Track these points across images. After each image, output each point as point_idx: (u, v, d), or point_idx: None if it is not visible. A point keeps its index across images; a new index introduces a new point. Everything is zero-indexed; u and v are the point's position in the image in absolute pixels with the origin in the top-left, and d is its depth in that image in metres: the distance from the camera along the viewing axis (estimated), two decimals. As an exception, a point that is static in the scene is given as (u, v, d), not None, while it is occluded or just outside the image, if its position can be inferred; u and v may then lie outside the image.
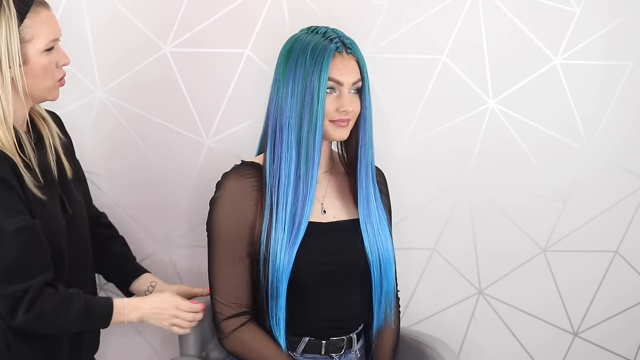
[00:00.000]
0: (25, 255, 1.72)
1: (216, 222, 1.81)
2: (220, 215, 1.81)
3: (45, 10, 1.77)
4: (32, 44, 1.74)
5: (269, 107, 1.82)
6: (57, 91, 1.83)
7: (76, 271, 1.89)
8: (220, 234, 1.81)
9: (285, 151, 1.77)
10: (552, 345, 2.55)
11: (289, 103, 1.75)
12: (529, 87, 2.39)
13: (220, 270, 1.82)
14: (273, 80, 1.81)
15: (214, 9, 2.30)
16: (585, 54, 2.38)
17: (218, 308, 1.83)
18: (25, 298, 1.71)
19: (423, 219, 2.44)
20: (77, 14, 2.27)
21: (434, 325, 2.50)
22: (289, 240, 1.77)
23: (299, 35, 1.80)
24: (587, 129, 2.43)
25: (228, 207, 1.80)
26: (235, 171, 1.82)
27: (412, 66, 2.36)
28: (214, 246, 1.83)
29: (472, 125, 2.40)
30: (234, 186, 1.80)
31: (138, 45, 2.30)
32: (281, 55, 1.80)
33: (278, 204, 1.77)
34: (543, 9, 2.35)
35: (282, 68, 1.78)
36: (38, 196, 1.77)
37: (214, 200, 1.82)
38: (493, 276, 2.50)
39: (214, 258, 1.83)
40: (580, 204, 2.47)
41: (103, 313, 1.83)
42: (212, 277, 1.84)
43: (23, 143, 1.77)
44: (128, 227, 2.36)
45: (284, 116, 1.76)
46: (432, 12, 2.34)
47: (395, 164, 2.39)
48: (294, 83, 1.75)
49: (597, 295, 2.53)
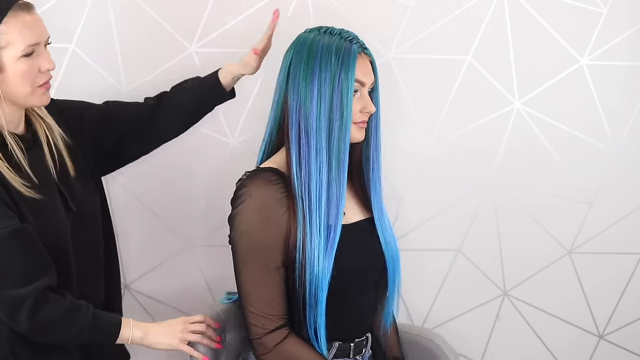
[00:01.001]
0: (17, 260, 1.68)
1: (247, 233, 1.72)
2: (251, 225, 1.71)
3: (23, 14, 1.70)
4: (8, 50, 1.68)
5: (287, 111, 1.74)
6: (39, 97, 1.76)
7: (86, 271, 1.87)
8: (253, 244, 1.72)
9: (314, 156, 1.71)
10: (577, 348, 2.54)
11: (315, 106, 1.71)
12: (555, 88, 2.38)
13: (256, 282, 1.72)
14: (286, 83, 1.75)
15: (239, 9, 2.30)
16: (612, 55, 2.37)
17: (257, 322, 1.74)
18: (25, 304, 1.68)
19: (448, 220, 2.44)
20: (103, 15, 2.28)
21: (458, 327, 2.49)
22: (326, 245, 1.71)
23: (312, 36, 1.76)
24: (613, 130, 2.41)
25: (261, 216, 1.71)
26: (258, 178, 1.73)
27: (438, 67, 2.35)
28: (245, 258, 1.73)
29: (498, 126, 2.39)
30: (263, 194, 1.71)
31: (164, 45, 2.30)
32: (297, 56, 1.74)
33: (311, 210, 1.71)
34: (569, 10, 2.34)
35: (303, 70, 1.72)
36: (30, 197, 1.73)
37: (241, 210, 1.72)
38: (518, 278, 2.49)
39: (247, 270, 1.73)
40: (606, 205, 2.45)
41: (110, 330, 1.79)
42: (245, 290, 1.74)
43: (10, 145, 1.73)
44: (153, 227, 2.37)
45: (311, 120, 1.71)
46: (457, 13, 2.34)
47: (421, 164, 2.39)
48: (321, 85, 1.71)
49: (623, 297, 2.51)
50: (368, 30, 2.28)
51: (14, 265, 1.69)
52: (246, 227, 1.72)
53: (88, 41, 2.30)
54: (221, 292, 2.10)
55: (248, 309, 1.75)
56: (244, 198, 1.72)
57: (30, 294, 1.68)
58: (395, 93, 2.35)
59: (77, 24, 2.29)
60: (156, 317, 2.45)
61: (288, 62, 1.76)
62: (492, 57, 2.36)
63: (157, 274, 2.44)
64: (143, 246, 2.42)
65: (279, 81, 1.78)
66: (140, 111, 2.05)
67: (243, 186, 1.73)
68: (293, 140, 1.73)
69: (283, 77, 1.77)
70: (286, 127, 1.76)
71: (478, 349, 2.53)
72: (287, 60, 1.77)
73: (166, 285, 2.45)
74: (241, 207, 1.72)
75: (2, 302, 1.70)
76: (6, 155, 1.73)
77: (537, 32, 2.34)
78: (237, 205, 1.73)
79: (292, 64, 1.75)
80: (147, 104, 2.07)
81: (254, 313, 1.74)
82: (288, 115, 1.74)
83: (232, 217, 1.74)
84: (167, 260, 2.43)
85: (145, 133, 2.06)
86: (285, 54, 1.79)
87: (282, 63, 1.79)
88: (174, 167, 2.38)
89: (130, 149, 2.07)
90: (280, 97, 1.77)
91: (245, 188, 1.72)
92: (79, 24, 2.29)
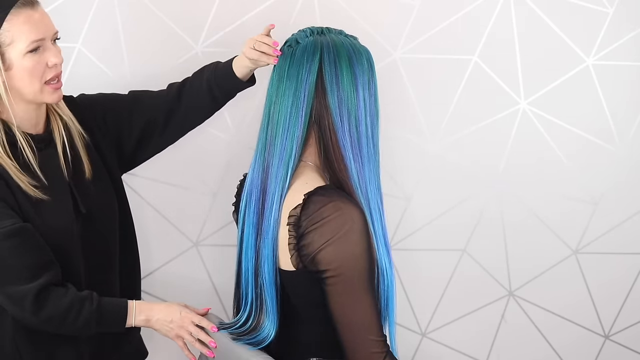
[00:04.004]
0: (17, 258, 1.70)
1: (362, 258, 1.56)
2: (363, 250, 1.55)
3: (27, 10, 1.70)
4: (13, 47, 1.69)
5: (329, 120, 1.60)
6: (49, 95, 1.75)
7: (97, 271, 1.87)
8: (367, 270, 1.57)
9: (367, 165, 1.62)
10: (583, 348, 2.54)
11: (363, 114, 1.60)
12: (561, 88, 2.38)
13: (374, 307, 1.58)
14: (317, 87, 1.60)
15: (245, 9, 2.30)
16: (618, 55, 2.37)
17: (378, 347, 1.58)
18: (27, 300, 1.69)
19: (453, 220, 2.44)
20: (109, 14, 2.28)
21: (463, 327, 2.49)
22: (388, 255, 1.64)
23: (340, 38, 1.63)
24: (619, 131, 2.41)
25: (367, 239, 1.57)
26: (346, 199, 1.57)
27: (444, 67, 2.35)
28: (363, 284, 1.57)
29: (504, 126, 2.39)
30: (361, 215, 1.56)
31: (170, 44, 2.31)
32: (330, 59, 1.60)
33: (374, 220, 1.60)
34: (575, 10, 2.34)
35: (345, 74, 1.59)
36: (35, 197, 1.74)
37: (348, 238, 1.55)
38: (523, 278, 2.49)
39: (367, 296, 1.57)
40: (612, 205, 2.45)
41: (117, 316, 1.78)
42: (367, 318, 1.57)
43: (20, 144, 1.74)
44: (159, 226, 2.37)
45: (360, 127, 1.61)
46: (463, 13, 2.33)
47: (426, 164, 2.39)
48: (363, 90, 1.61)
49: (629, 297, 2.51)
50: (374, 30, 2.29)
51: (15, 262, 1.70)
52: (359, 252, 1.56)
53: (94, 41, 2.30)
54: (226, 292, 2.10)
55: (369, 338, 1.58)
56: (348, 224, 1.55)
57: (31, 290, 1.70)
58: (401, 92, 2.35)
59: (84, 24, 2.29)
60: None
61: (317, 66, 1.60)
62: (498, 57, 2.36)
63: (163, 274, 2.44)
64: (148, 246, 2.42)
65: (307, 85, 1.60)
66: (164, 100, 1.98)
67: (342, 209, 1.56)
68: (347, 150, 1.61)
69: (312, 80, 1.59)
70: (332, 136, 1.61)
71: (484, 348, 2.52)
72: (315, 63, 1.60)
73: (172, 284, 2.45)
74: (347, 234, 1.55)
75: (6, 299, 1.72)
76: (15, 153, 1.74)
77: (543, 32, 2.34)
78: (340, 232, 1.55)
79: (326, 68, 1.60)
80: (171, 94, 1.99)
81: (374, 340, 1.58)
82: (332, 124, 1.60)
83: (335, 246, 1.55)
84: (172, 260, 2.43)
85: (169, 122, 1.99)
86: (307, 55, 1.61)
87: (306, 66, 1.60)
88: (178, 167, 2.38)
89: (154, 141, 2.01)
90: (309, 102, 1.60)
91: (339, 212, 1.55)
92: (85, 23, 2.29)
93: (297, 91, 1.61)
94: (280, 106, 1.63)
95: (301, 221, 1.56)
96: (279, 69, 1.65)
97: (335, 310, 1.58)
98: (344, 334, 1.59)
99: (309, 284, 1.60)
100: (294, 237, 1.57)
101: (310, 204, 1.56)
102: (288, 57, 1.64)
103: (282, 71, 1.64)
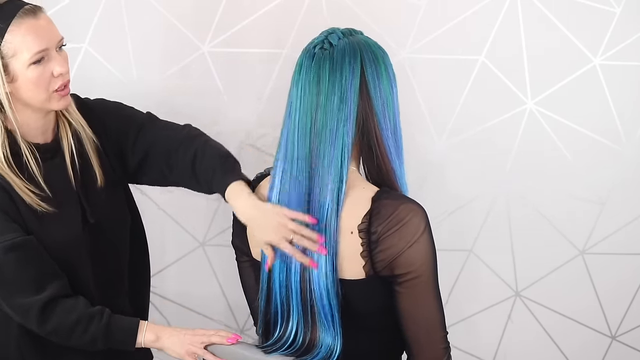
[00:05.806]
0: (20, 271, 1.69)
1: (435, 255, 1.57)
2: (434, 251, 1.57)
3: (30, 19, 1.65)
4: (16, 59, 1.65)
5: (373, 121, 1.56)
6: (57, 102, 1.71)
7: (107, 283, 1.85)
8: (436, 267, 1.58)
9: (403, 165, 1.63)
10: (590, 349, 2.53)
11: (398, 114, 1.59)
12: (568, 88, 2.37)
13: (441, 302, 1.59)
14: (361, 90, 1.54)
15: (252, 9, 2.31)
16: (625, 55, 2.36)
17: (445, 343, 1.60)
18: (32, 312, 1.69)
19: (460, 220, 2.44)
20: (116, 14, 2.29)
21: (470, 327, 2.49)
22: None
23: (368, 39, 1.60)
24: (626, 131, 2.40)
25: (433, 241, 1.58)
26: (409, 199, 1.58)
27: (450, 67, 2.35)
28: (436, 282, 1.57)
29: (510, 126, 2.39)
30: (426, 214, 1.57)
31: (176, 44, 2.31)
32: (370, 61, 1.56)
33: None
34: (582, 9, 2.33)
35: (385, 77, 1.57)
36: (40, 209, 1.71)
37: (424, 239, 1.55)
38: (530, 278, 2.48)
39: (438, 293, 1.58)
40: (619, 205, 2.45)
41: (126, 335, 1.74)
42: (439, 316, 1.59)
43: (25, 156, 1.70)
44: (166, 226, 2.38)
45: (398, 128, 1.60)
46: (470, 13, 2.33)
47: (433, 164, 2.39)
48: (397, 93, 1.59)
49: (636, 298, 2.50)
50: (381, 30, 2.29)
51: (18, 276, 1.69)
52: (434, 250, 1.57)
53: (101, 40, 2.31)
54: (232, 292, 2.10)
55: (440, 334, 1.59)
56: (423, 224, 1.55)
57: (37, 303, 1.69)
58: (408, 92, 2.35)
59: (90, 24, 2.29)
60: (168, 316, 2.46)
61: (359, 68, 1.54)
62: (505, 57, 2.35)
63: (169, 273, 2.44)
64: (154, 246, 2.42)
65: (352, 88, 1.54)
66: (173, 142, 1.88)
67: (418, 214, 1.56)
68: (391, 151, 1.59)
69: (357, 83, 1.54)
70: (377, 138, 1.57)
71: (490, 349, 2.52)
72: (358, 65, 1.55)
73: (178, 284, 2.45)
74: (424, 234, 1.54)
75: (13, 310, 1.72)
76: (20, 164, 1.71)
77: (550, 32, 2.34)
78: (418, 233, 1.54)
79: (368, 70, 1.55)
80: (179, 140, 1.88)
81: (444, 336, 1.60)
82: (378, 127, 1.56)
83: (416, 247, 1.54)
84: (179, 260, 2.43)
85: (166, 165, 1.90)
86: (349, 58, 1.54)
87: (349, 69, 1.54)
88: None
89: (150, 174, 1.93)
90: (355, 105, 1.54)
91: (413, 213, 1.55)
92: (92, 23, 2.29)
93: (344, 95, 1.54)
94: (324, 112, 1.54)
95: (373, 227, 1.53)
96: (312, 74, 1.55)
97: (408, 310, 1.56)
98: (417, 332, 1.58)
99: (378, 289, 1.58)
100: (367, 243, 1.54)
101: (382, 209, 1.54)
102: (327, 60, 1.55)
103: (318, 77, 1.54)
